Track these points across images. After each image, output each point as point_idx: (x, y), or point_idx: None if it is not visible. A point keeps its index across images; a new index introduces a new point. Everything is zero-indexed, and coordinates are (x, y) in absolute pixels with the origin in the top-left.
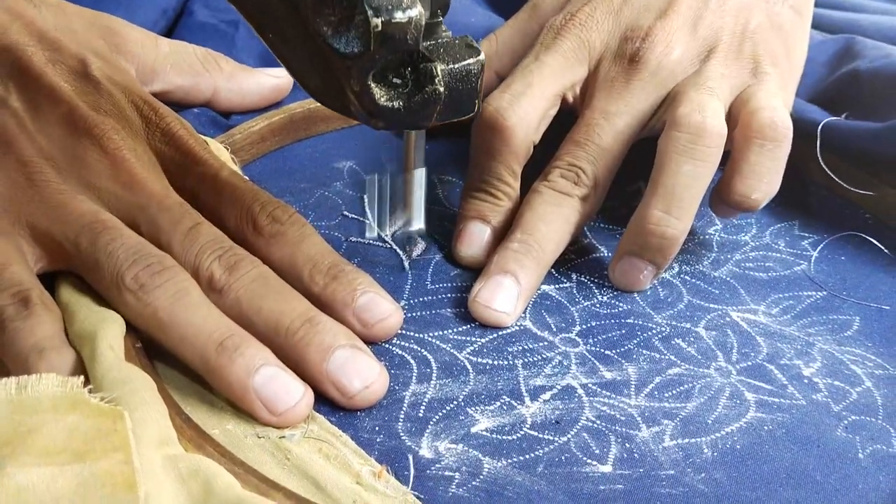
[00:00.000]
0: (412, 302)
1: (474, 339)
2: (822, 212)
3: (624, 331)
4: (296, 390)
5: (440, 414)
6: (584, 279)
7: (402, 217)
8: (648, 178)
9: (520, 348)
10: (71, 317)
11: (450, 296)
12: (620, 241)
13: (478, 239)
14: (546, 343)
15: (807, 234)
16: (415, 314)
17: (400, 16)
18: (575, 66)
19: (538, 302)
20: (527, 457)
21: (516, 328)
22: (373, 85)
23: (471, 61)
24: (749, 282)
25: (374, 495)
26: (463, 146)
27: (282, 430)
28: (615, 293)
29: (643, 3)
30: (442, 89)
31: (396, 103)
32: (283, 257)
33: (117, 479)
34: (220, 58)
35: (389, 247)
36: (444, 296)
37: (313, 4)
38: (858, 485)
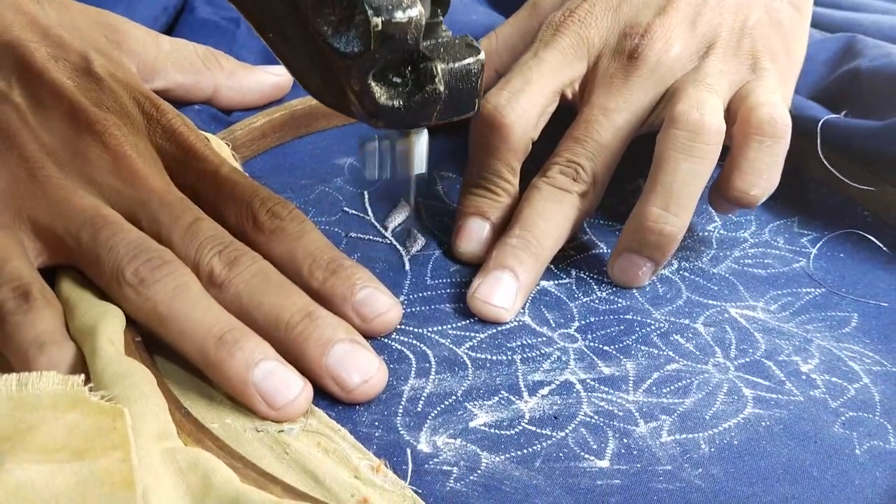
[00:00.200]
0: (411, 297)
1: (473, 334)
2: (821, 209)
3: (623, 327)
4: (295, 385)
5: (439, 409)
6: (583, 275)
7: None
8: (647, 176)
9: (518, 344)
10: (71, 311)
11: (449, 291)
12: (619, 237)
13: (477, 235)
14: (545, 338)
15: (806, 232)
16: (414, 309)
17: (400, 15)
18: (574, 62)
19: (537, 297)
20: (525, 451)
21: (515, 323)
22: (373, 84)
23: (471, 60)
24: (748, 278)
25: (373, 489)
26: (462, 143)
27: (281, 424)
28: (614, 289)
29: (642, 0)
30: (442, 88)
31: (396, 102)
32: (283, 253)
33: (116, 478)
34: (221, 56)
35: (389, 242)
36: (443, 291)
37: (313, 4)
38: (855, 480)
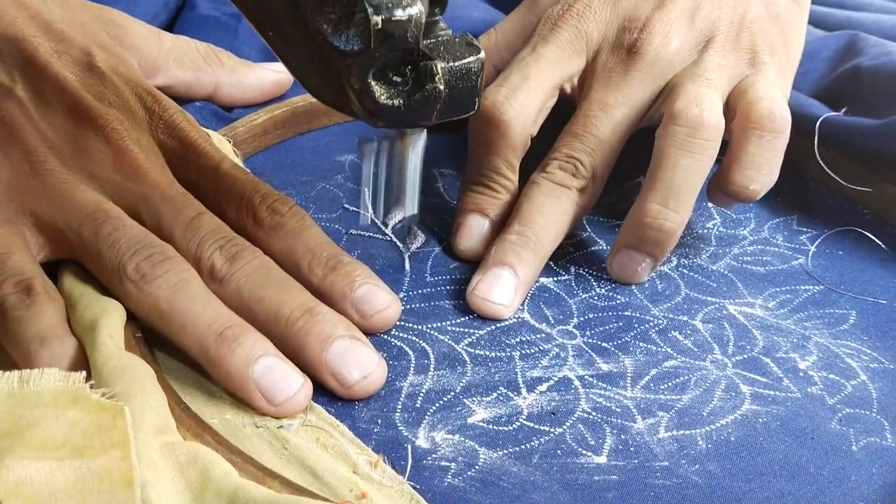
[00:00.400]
0: (411, 294)
1: (472, 330)
2: (820, 207)
3: (621, 323)
4: (295, 381)
5: (437, 405)
6: (582, 272)
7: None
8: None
9: (517, 340)
10: (73, 306)
11: (448, 288)
12: (619, 234)
13: (476, 232)
14: (544, 335)
15: (805, 229)
16: (414, 306)
17: (400, 14)
18: (572, 57)
19: (536, 294)
20: (522, 447)
21: (514, 320)
22: (373, 83)
23: (471, 59)
24: (747, 275)
25: (371, 484)
26: (461, 140)
27: (280, 419)
28: (613, 286)
29: None
30: (442, 87)
31: (396, 101)
32: (283, 249)
33: (115, 476)
34: (222, 53)
35: (389, 239)
36: (442, 288)
37: (313, 2)
38: (851, 477)
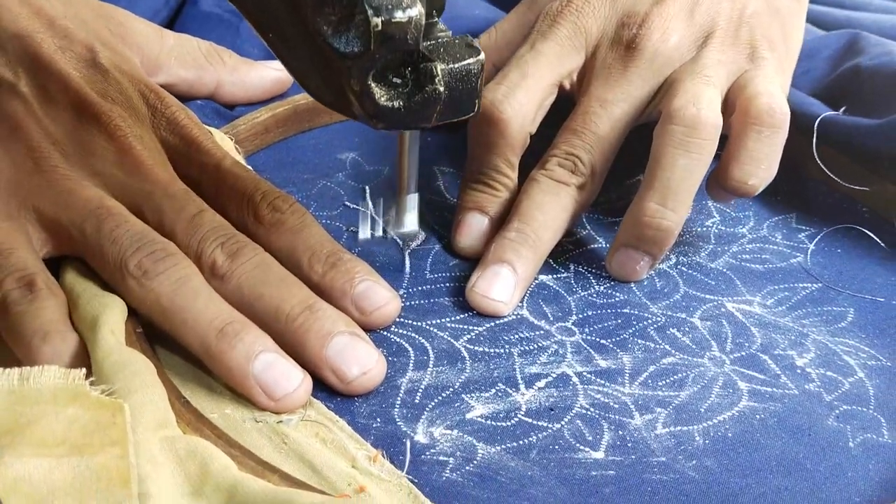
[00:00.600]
0: (411, 291)
1: (471, 327)
2: (819, 205)
3: (620, 320)
4: (294, 376)
5: (436, 400)
6: (581, 269)
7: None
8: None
9: (516, 337)
10: (75, 301)
11: (448, 285)
12: (617, 232)
13: (476, 229)
14: (542, 332)
15: (804, 227)
16: (413, 303)
17: (400, 15)
18: (571, 53)
19: (535, 291)
20: (520, 443)
21: (513, 317)
22: (373, 85)
23: (471, 61)
24: (745, 273)
25: (369, 479)
26: (461, 139)
27: (280, 414)
28: (612, 283)
29: None
30: (442, 89)
31: (396, 103)
32: (283, 246)
33: (113, 474)
34: (224, 51)
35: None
36: (442, 285)
37: (313, 4)
38: (848, 473)
